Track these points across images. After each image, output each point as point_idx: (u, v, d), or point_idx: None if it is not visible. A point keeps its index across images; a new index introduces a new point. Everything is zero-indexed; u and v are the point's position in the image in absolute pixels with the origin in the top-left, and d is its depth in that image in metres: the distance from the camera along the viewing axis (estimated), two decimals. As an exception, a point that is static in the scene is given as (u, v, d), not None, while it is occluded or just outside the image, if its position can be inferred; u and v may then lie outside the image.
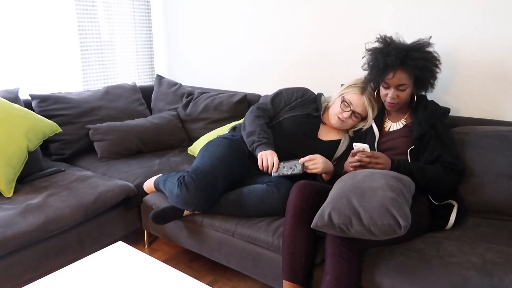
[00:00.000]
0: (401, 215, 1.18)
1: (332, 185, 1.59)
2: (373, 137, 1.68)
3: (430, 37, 1.58)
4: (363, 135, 1.76)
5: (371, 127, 1.72)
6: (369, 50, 1.62)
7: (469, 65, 1.79)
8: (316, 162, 1.60)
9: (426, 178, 1.46)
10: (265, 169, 1.68)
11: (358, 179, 1.32)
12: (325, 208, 1.27)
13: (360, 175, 1.34)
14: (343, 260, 1.26)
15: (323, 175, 1.66)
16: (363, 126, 1.78)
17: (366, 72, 1.68)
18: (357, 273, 1.29)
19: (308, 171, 1.60)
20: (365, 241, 1.32)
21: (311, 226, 1.28)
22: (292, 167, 1.62)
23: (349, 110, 1.76)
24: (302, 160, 1.61)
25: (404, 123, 1.65)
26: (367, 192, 1.25)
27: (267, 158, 1.66)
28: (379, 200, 1.21)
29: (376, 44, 1.61)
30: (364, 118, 1.79)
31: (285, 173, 1.62)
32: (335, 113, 1.80)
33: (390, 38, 1.60)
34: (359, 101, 1.75)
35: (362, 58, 1.66)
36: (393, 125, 1.67)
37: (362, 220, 1.20)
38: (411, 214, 1.22)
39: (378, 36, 1.61)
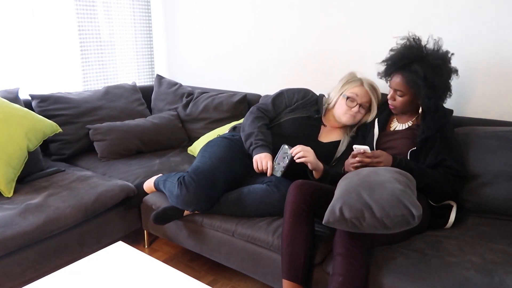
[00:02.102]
0: (413, 205, 1.18)
1: (322, 183, 1.61)
2: (373, 136, 1.69)
3: (453, 53, 1.55)
4: (367, 133, 1.76)
5: (373, 125, 1.72)
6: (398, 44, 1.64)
7: (470, 66, 1.79)
8: (304, 149, 1.58)
9: (424, 181, 1.45)
10: (259, 172, 1.70)
11: (363, 174, 1.32)
12: (335, 203, 1.26)
13: (365, 171, 1.34)
14: (356, 262, 1.25)
15: (314, 173, 1.65)
16: (366, 120, 1.80)
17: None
18: (366, 275, 1.28)
19: (298, 160, 1.58)
20: (371, 240, 1.31)
21: (323, 222, 1.27)
22: (284, 157, 1.63)
23: (356, 104, 1.77)
24: (287, 147, 1.62)
25: (410, 125, 1.65)
26: (375, 185, 1.25)
27: (261, 161, 1.67)
28: (389, 192, 1.21)
29: (404, 42, 1.61)
30: (369, 109, 1.80)
31: (284, 166, 1.62)
32: (343, 112, 1.79)
33: (417, 40, 1.57)
34: (362, 92, 1.78)
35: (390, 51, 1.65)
36: (399, 126, 1.68)
37: (374, 212, 1.20)
38: None
39: (409, 35, 1.60)
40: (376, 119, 1.73)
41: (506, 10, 1.67)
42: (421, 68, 1.50)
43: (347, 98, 1.78)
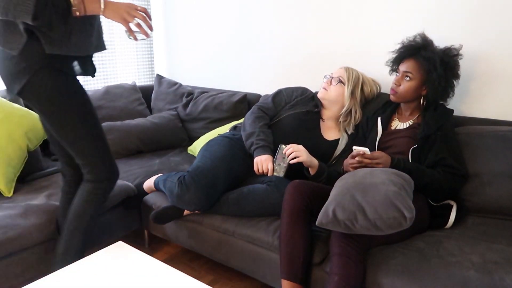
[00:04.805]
0: (406, 207, 1.18)
1: (319, 181, 1.63)
2: (375, 135, 1.69)
3: (461, 45, 1.62)
4: (368, 132, 1.76)
5: (375, 124, 1.72)
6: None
7: (469, 65, 1.79)
8: (296, 149, 1.62)
9: (423, 181, 1.45)
10: (260, 174, 1.71)
11: (359, 176, 1.33)
12: (329, 205, 1.27)
13: (361, 173, 1.35)
14: (351, 261, 1.25)
15: (310, 169, 1.67)
16: (346, 106, 1.84)
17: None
18: (363, 274, 1.28)
19: (292, 161, 1.61)
20: (369, 240, 1.32)
21: (316, 223, 1.28)
22: (283, 157, 1.64)
23: (329, 78, 1.87)
24: (284, 147, 1.65)
25: (411, 123, 1.65)
26: (369, 187, 1.25)
27: (262, 164, 1.68)
28: (382, 194, 1.21)
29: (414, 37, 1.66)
30: (342, 82, 1.85)
31: (284, 168, 1.64)
32: (320, 89, 1.90)
33: (427, 38, 1.63)
34: (336, 70, 1.89)
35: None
36: (399, 125, 1.68)
37: (367, 214, 1.20)
38: None
39: (423, 34, 1.65)
40: (379, 118, 1.73)
41: (506, 10, 1.67)
42: (437, 50, 1.57)
43: (324, 77, 1.91)
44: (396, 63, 1.68)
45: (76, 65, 1.40)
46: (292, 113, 1.87)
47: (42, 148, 2.14)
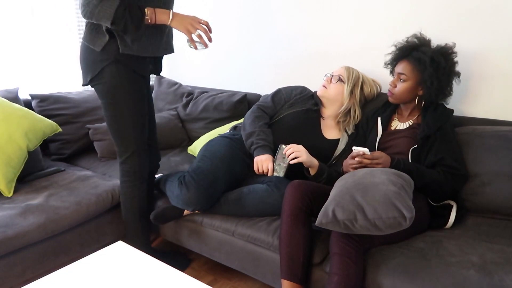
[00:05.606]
0: (406, 207, 1.19)
1: (319, 182, 1.63)
2: (375, 135, 1.69)
3: (454, 43, 1.62)
4: (368, 132, 1.76)
5: (376, 124, 1.73)
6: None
7: (469, 65, 1.79)
8: (296, 149, 1.61)
9: (423, 181, 1.45)
10: (260, 174, 1.71)
11: (358, 176, 1.33)
12: (329, 205, 1.27)
13: (361, 173, 1.35)
14: (351, 261, 1.26)
15: (310, 169, 1.67)
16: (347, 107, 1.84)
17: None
18: (363, 274, 1.29)
19: (292, 161, 1.61)
20: (369, 240, 1.32)
21: (316, 223, 1.28)
22: (283, 157, 1.64)
23: (329, 76, 1.89)
24: (284, 147, 1.65)
25: (411, 124, 1.65)
26: (369, 187, 1.25)
27: (262, 164, 1.67)
28: (382, 194, 1.21)
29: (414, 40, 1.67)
30: (343, 81, 1.86)
31: (284, 168, 1.64)
32: (320, 87, 1.91)
33: (423, 38, 1.64)
34: (337, 69, 1.90)
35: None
36: (399, 125, 1.68)
37: (366, 214, 1.20)
38: None
39: (418, 34, 1.66)
40: (379, 118, 1.73)
41: (507, 10, 1.67)
42: (429, 49, 1.57)
43: (325, 75, 1.91)
44: (392, 65, 1.70)
45: (144, 63, 1.61)
46: (292, 112, 1.87)
47: (42, 148, 2.15)
